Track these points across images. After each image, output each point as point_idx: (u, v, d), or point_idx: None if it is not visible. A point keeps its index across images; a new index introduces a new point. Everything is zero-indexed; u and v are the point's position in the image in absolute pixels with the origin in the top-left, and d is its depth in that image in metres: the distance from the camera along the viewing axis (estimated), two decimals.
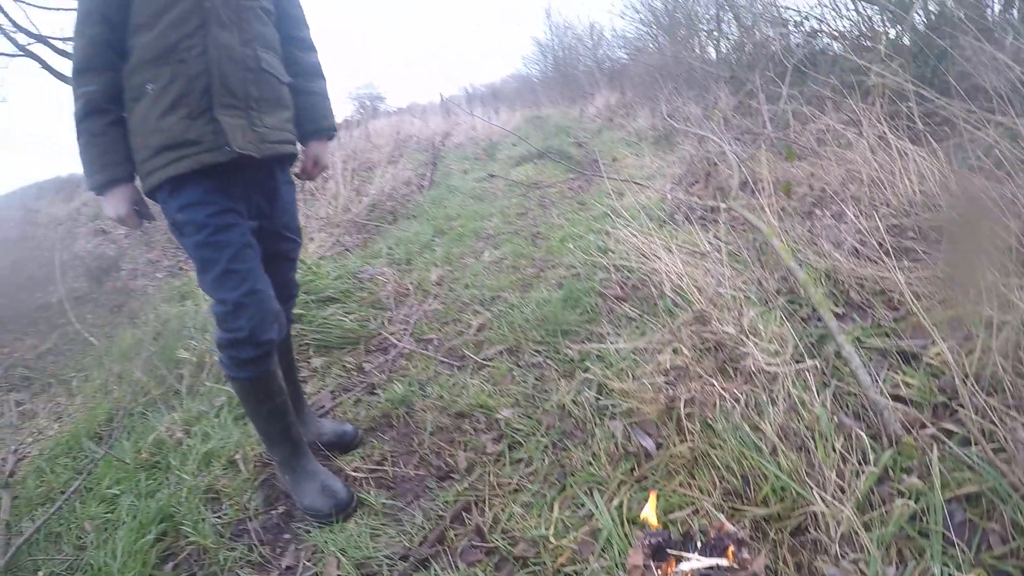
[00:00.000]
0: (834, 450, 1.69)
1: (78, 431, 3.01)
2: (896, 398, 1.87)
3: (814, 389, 1.93)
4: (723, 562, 1.42)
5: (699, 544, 1.50)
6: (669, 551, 1.48)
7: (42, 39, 10.91)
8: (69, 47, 11.08)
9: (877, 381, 1.95)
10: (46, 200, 12.05)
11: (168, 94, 1.82)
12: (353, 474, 2.36)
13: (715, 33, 12.47)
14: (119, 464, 2.59)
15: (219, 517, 2.24)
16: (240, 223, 1.95)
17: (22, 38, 10.75)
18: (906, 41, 4.92)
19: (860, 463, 1.65)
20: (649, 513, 1.65)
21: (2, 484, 2.66)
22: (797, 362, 2.10)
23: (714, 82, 9.28)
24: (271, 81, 2.00)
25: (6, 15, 10.44)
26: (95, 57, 1.87)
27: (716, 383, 2.03)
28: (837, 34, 6.05)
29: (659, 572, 1.44)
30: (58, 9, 11.11)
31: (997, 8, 4.70)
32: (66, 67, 11.21)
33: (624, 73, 18.03)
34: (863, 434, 1.71)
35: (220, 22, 1.85)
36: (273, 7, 2.09)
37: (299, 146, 2.28)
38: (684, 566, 1.42)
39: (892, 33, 7.47)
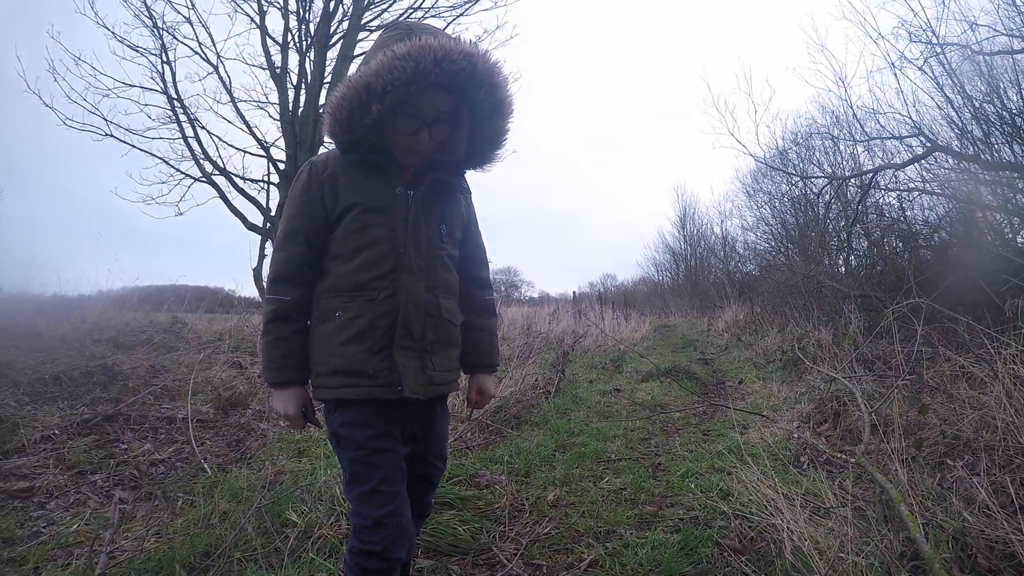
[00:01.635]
0: None
1: (174, 554, 3.02)
2: None
3: None
4: None
5: None
6: None
7: (225, 173, 12.30)
8: (247, 187, 12.43)
9: None
10: (193, 308, 12.59)
11: (354, 326, 2.01)
12: None
13: (845, 247, 12.56)
14: None
15: None
16: (395, 448, 2.08)
17: (209, 167, 12.22)
18: None
19: None
20: None
21: None
22: None
23: (844, 301, 9.24)
24: (447, 325, 2.18)
25: (200, 144, 12.01)
26: (293, 273, 2.08)
27: None
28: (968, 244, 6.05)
29: None
30: (244, 151, 12.55)
31: None
32: (241, 204, 12.50)
33: (754, 287, 18.12)
34: None
35: (411, 270, 2.05)
36: (457, 252, 2.30)
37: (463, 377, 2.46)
38: None
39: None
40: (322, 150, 11.75)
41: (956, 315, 4.96)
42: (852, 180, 12.18)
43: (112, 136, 11.33)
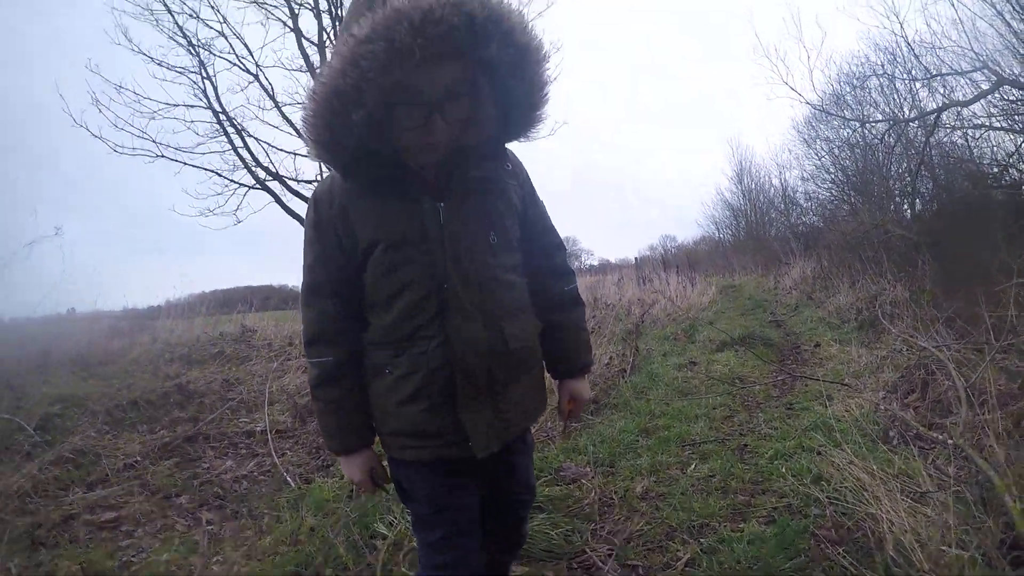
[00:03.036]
0: None
1: None
2: None
3: None
4: None
5: None
6: None
7: (278, 178, 12.49)
8: (300, 188, 12.64)
9: None
10: (261, 307, 12.78)
11: (408, 384, 1.71)
12: None
13: (909, 191, 12.09)
14: None
15: None
16: (461, 501, 1.86)
17: (261, 174, 12.43)
18: None
19: None
20: None
21: None
22: None
23: (915, 251, 8.91)
24: (520, 353, 1.82)
25: (250, 153, 12.23)
26: (327, 332, 1.80)
27: None
28: None
29: None
30: (295, 154, 12.71)
31: None
32: (296, 205, 12.66)
33: (819, 239, 17.66)
34: None
35: (461, 310, 1.69)
36: (519, 254, 1.90)
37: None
38: None
39: None
40: None
41: None
42: (914, 121, 11.70)
43: (163, 156, 11.51)
